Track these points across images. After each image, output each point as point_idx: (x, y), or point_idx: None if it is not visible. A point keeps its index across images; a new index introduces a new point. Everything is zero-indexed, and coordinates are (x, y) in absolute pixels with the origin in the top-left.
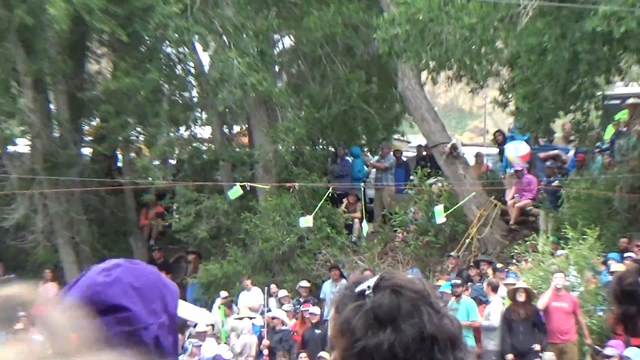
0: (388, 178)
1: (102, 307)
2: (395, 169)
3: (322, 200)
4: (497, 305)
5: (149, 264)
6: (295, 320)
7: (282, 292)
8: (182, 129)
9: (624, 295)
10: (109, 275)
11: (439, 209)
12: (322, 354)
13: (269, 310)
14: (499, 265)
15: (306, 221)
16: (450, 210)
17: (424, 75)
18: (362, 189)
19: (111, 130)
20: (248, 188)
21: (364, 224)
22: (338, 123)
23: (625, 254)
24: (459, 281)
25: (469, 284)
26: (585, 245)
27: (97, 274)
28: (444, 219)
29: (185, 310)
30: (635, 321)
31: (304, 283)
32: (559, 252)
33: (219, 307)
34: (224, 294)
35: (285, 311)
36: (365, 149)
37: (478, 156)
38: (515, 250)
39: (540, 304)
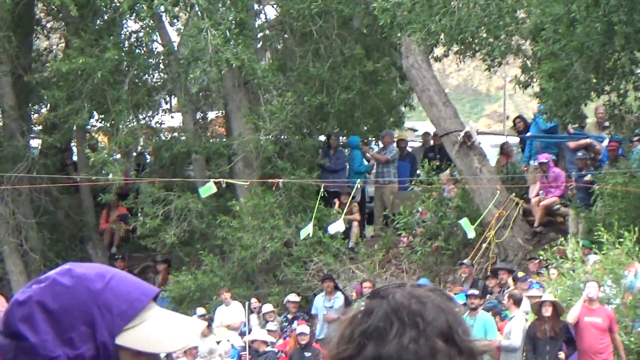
0: (390, 173)
1: (7, 330)
2: (399, 161)
3: (317, 200)
4: (520, 321)
5: None
6: (284, 340)
7: (267, 307)
8: (147, 116)
9: None
10: (24, 292)
11: (465, 222)
12: None
13: (250, 331)
14: (520, 275)
15: (305, 231)
16: (477, 222)
17: (436, 50)
18: (359, 186)
19: (64, 118)
20: (224, 185)
21: (340, 222)
22: (333, 108)
23: None
24: (476, 292)
25: (488, 296)
26: (623, 250)
27: (22, 289)
28: (474, 233)
29: (156, 334)
30: None
31: (293, 297)
32: (592, 258)
33: None
34: (200, 311)
35: (270, 331)
36: (366, 139)
37: (505, 147)
38: (541, 257)
39: (571, 317)
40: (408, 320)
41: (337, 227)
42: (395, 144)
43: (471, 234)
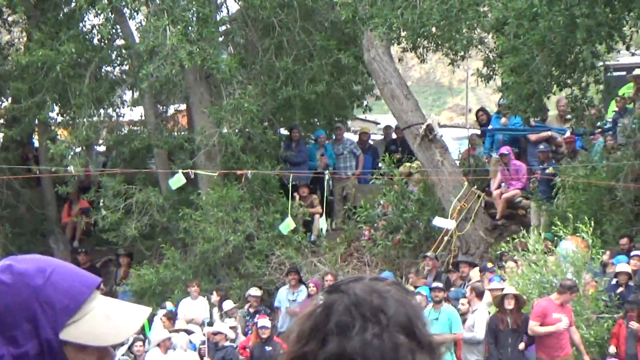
0: (351, 166)
1: None
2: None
3: (287, 193)
4: (483, 313)
5: None
6: (246, 336)
7: (228, 304)
8: (108, 110)
9: None
10: None
11: (438, 220)
12: None
13: (211, 324)
14: (489, 265)
15: (286, 226)
16: (448, 216)
17: (395, 45)
18: (327, 179)
19: (25, 111)
20: (192, 176)
21: (322, 220)
22: (299, 101)
23: (632, 253)
24: (440, 285)
25: (451, 289)
26: (583, 243)
27: None
28: (453, 223)
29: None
30: None
31: (254, 291)
32: (565, 244)
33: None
34: (168, 305)
35: (231, 327)
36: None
37: (472, 139)
38: (503, 249)
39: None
40: (370, 316)
41: (444, 222)
42: (359, 136)
43: (451, 225)
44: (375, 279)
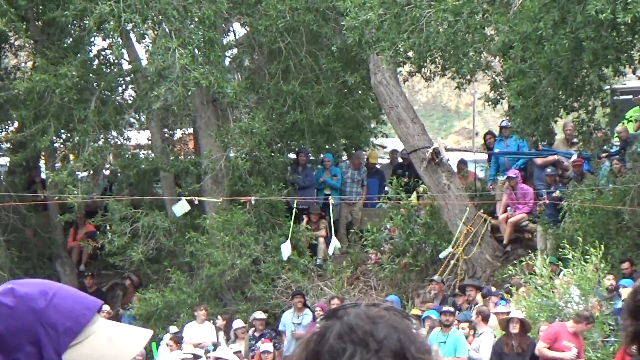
0: (353, 191)
1: None
2: (367, 178)
3: (290, 218)
4: (488, 337)
5: None
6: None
7: (238, 323)
8: (114, 135)
9: (638, 311)
10: None
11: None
12: None
13: (215, 349)
14: (493, 289)
15: (286, 250)
16: (452, 242)
17: (403, 69)
18: (332, 202)
19: (30, 137)
20: (196, 202)
21: (334, 240)
22: (307, 124)
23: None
24: (451, 309)
25: (457, 312)
26: (589, 266)
27: None
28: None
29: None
30: None
31: (259, 314)
32: (561, 274)
33: (151, 345)
34: (173, 329)
35: (235, 352)
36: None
37: (461, 164)
38: (510, 272)
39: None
40: (361, 341)
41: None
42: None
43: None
44: (371, 305)
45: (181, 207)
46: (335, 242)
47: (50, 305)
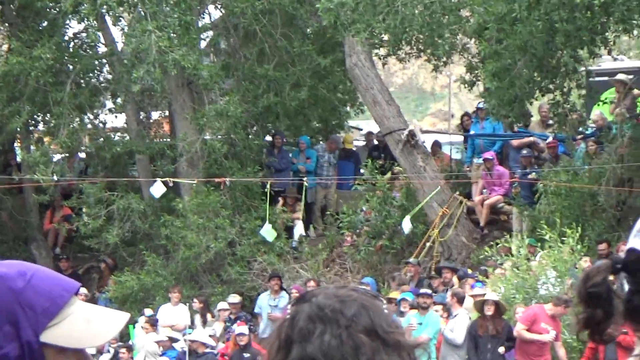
0: (330, 172)
1: None
2: (342, 161)
3: (266, 200)
4: (463, 319)
5: None
6: (225, 343)
7: (222, 305)
8: (90, 117)
9: (590, 297)
10: None
11: (407, 222)
12: None
13: (189, 332)
14: (468, 271)
15: (269, 233)
16: (412, 212)
17: (379, 51)
18: (306, 184)
19: (4, 119)
20: (171, 184)
21: (299, 225)
22: (282, 107)
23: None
24: (428, 291)
25: (433, 294)
26: (566, 248)
27: None
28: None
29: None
30: (602, 327)
31: (234, 298)
32: (538, 256)
33: (129, 328)
34: (148, 311)
35: (210, 335)
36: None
37: (435, 146)
38: (486, 253)
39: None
40: (330, 319)
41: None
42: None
43: (406, 231)
44: (340, 287)
45: (158, 189)
46: (300, 231)
47: (29, 285)
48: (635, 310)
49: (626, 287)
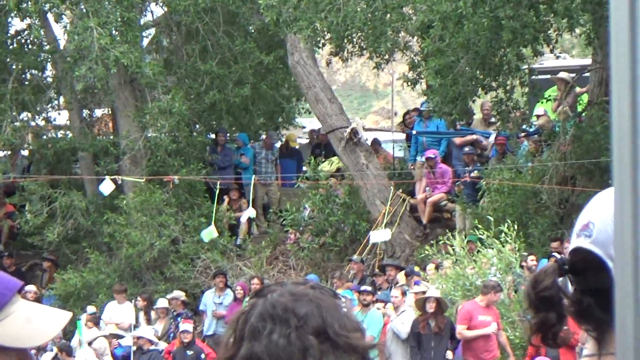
0: (268, 171)
1: None
2: (284, 159)
3: (214, 197)
4: (410, 314)
5: None
6: (171, 339)
7: (162, 302)
8: (33, 114)
9: (541, 301)
10: None
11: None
12: None
13: (136, 328)
14: (415, 269)
15: (209, 234)
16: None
17: (323, 50)
18: (253, 182)
19: None
20: (119, 182)
21: (250, 210)
22: (225, 105)
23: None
24: (369, 288)
25: (377, 292)
26: (506, 246)
27: None
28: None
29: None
30: (555, 330)
31: (178, 294)
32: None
33: (77, 323)
34: (90, 309)
35: (155, 332)
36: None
37: (375, 144)
38: (427, 252)
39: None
40: (280, 318)
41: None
42: (284, 142)
43: (387, 236)
44: (299, 283)
45: (107, 186)
46: (250, 212)
47: None
48: (585, 311)
49: (570, 287)
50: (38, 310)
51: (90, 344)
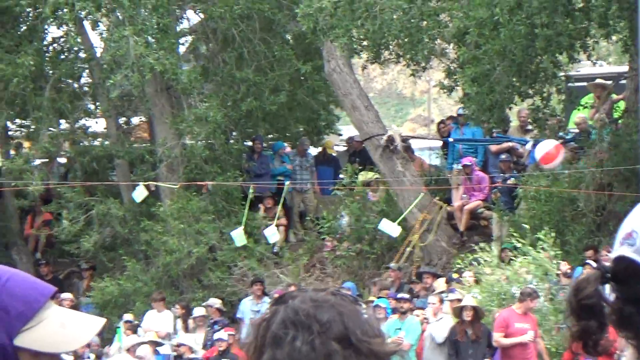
0: (304, 178)
1: None
2: (322, 166)
3: (245, 205)
4: (447, 321)
5: None
6: (209, 347)
7: (200, 310)
8: (70, 122)
9: (583, 309)
10: None
11: (385, 223)
12: None
13: (178, 336)
14: (454, 276)
15: (240, 238)
16: (399, 219)
17: (359, 58)
18: (287, 189)
19: None
20: (153, 188)
21: (273, 228)
22: (262, 112)
23: (588, 261)
24: (406, 295)
25: (415, 299)
26: (543, 254)
27: None
28: (397, 230)
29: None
30: (596, 338)
31: (213, 301)
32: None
33: (117, 330)
34: (128, 317)
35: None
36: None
37: (408, 151)
38: (462, 261)
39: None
40: (303, 325)
41: (391, 228)
42: (321, 149)
43: (395, 233)
44: (319, 290)
45: (140, 193)
46: (273, 234)
47: (3, 289)
48: (626, 319)
49: (611, 295)
50: (72, 316)
51: (129, 350)
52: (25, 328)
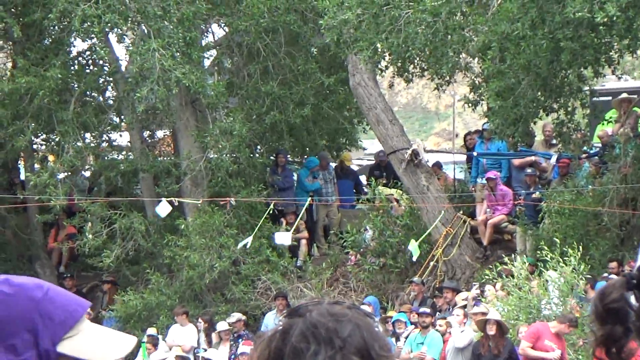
0: (328, 192)
1: None
2: (342, 180)
3: (263, 218)
4: (469, 331)
5: None
6: None
7: (222, 325)
8: (95, 135)
9: (608, 314)
10: None
11: (413, 244)
12: None
13: (204, 350)
14: (476, 292)
15: (163, 208)
16: (421, 238)
17: (385, 72)
18: (309, 204)
19: (7, 137)
20: (176, 203)
21: (283, 234)
22: (286, 125)
23: (608, 274)
24: (427, 310)
25: (437, 313)
26: (569, 268)
27: None
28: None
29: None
30: (621, 344)
31: (237, 316)
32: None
33: (141, 345)
34: (151, 330)
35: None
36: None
37: (435, 166)
38: (487, 276)
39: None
40: (324, 339)
41: (283, 238)
42: (339, 164)
43: (415, 255)
44: (334, 303)
45: (164, 208)
46: (286, 237)
47: (47, 297)
48: None
49: (635, 303)
50: (107, 331)
51: None
52: (67, 336)
